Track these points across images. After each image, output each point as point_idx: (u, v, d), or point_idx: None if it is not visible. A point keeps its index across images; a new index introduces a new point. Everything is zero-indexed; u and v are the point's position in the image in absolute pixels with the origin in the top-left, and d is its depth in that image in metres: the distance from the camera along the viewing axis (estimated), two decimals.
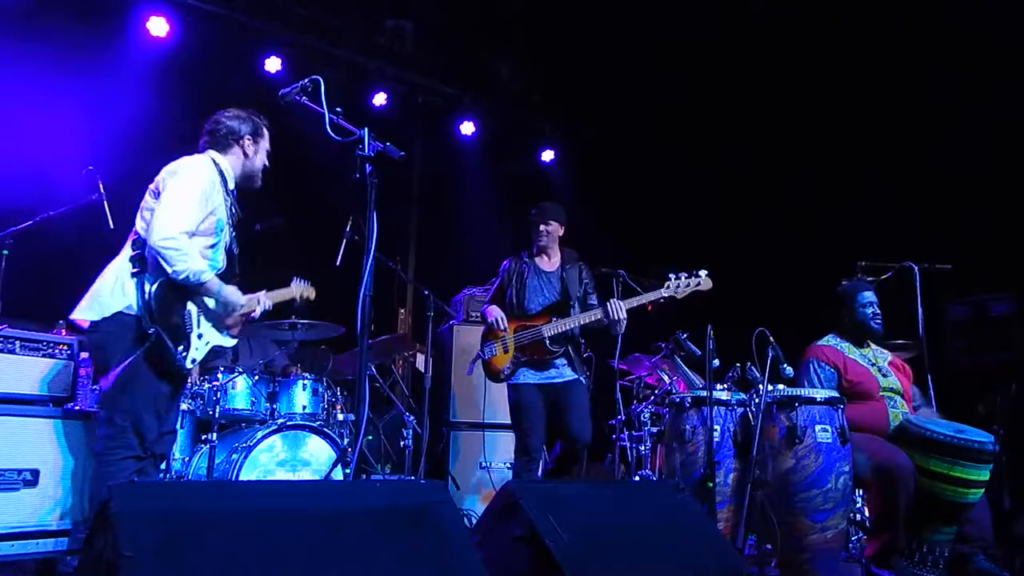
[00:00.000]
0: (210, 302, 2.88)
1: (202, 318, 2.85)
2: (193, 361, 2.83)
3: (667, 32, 5.76)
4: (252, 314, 3.04)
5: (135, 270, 2.70)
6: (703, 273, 3.64)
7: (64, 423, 3.14)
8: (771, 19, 5.49)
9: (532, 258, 3.92)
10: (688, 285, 3.62)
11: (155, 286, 2.68)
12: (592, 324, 3.69)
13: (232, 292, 2.88)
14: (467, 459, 4.85)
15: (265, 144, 3.08)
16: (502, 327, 3.76)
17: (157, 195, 2.76)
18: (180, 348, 2.74)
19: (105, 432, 2.66)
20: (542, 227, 3.85)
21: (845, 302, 3.64)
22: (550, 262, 3.90)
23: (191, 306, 2.80)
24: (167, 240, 2.63)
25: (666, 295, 3.63)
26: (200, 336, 2.84)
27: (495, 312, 3.81)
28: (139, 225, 2.78)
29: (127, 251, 2.77)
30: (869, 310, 3.58)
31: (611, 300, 3.61)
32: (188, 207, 2.72)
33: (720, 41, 5.77)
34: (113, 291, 2.70)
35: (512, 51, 6.44)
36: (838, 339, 3.64)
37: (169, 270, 2.65)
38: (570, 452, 3.71)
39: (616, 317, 3.58)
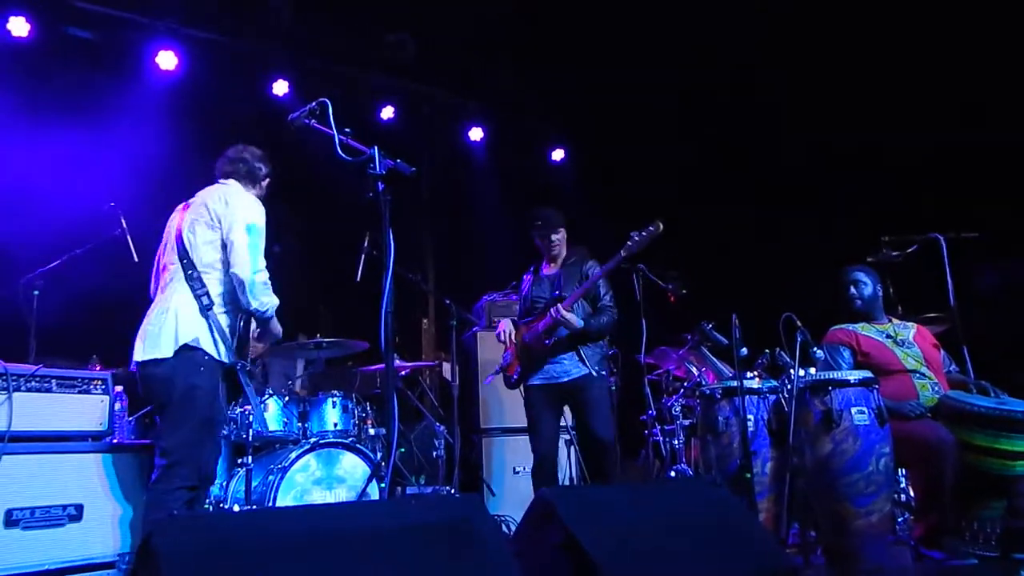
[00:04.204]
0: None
1: None
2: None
3: (670, 22, 5.69)
4: None
5: (205, 305, 2.77)
6: (659, 222, 3.53)
7: (104, 457, 3.20)
8: None
9: (539, 267, 3.96)
10: (643, 236, 3.50)
11: (239, 321, 2.86)
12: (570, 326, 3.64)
13: (276, 324, 3.05)
14: (500, 465, 4.84)
15: None
16: (505, 340, 3.86)
17: (215, 228, 2.83)
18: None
19: (162, 462, 2.71)
20: (553, 237, 3.83)
21: (838, 286, 3.73)
22: (553, 266, 3.90)
23: None
24: (259, 275, 2.80)
25: (624, 254, 3.54)
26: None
27: (502, 325, 3.91)
28: (199, 259, 2.83)
29: (185, 287, 2.80)
30: (849, 290, 3.65)
31: (553, 307, 3.61)
32: (261, 243, 2.87)
33: (729, 20, 5.67)
34: (178, 328, 2.73)
35: (513, 54, 6.42)
36: (849, 322, 3.67)
37: (255, 303, 2.80)
38: (593, 452, 3.66)
39: (559, 318, 3.57)
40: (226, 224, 2.82)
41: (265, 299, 2.82)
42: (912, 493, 3.65)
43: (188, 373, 2.70)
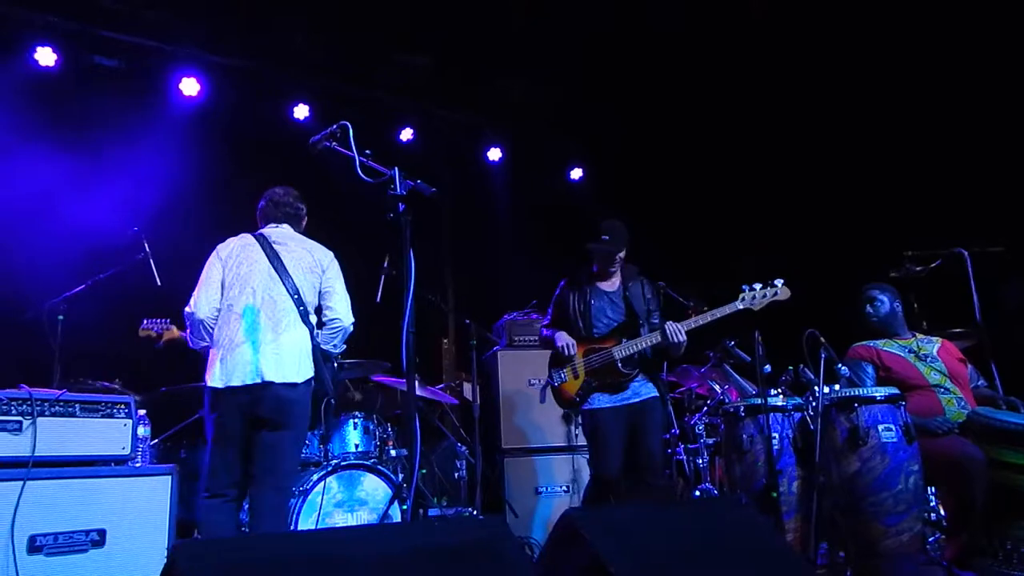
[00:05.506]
0: None
1: None
2: None
3: (683, 39, 5.71)
4: None
5: (315, 342, 3.02)
6: (779, 282, 3.43)
7: (127, 481, 3.21)
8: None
9: (592, 279, 3.74)
10: (765, 296, 3.40)
11: (334, 360, 3.13)
12: (657, 345, 3.53)
13: None
14: (523, 485, 4.80)
15: None
16: (571, 352, 3.60)
17: (317, 275, 3.09)
18: None
19: (285, 481, 2.98)
20: (619, 255, 3.64)
21: (857, 303, 3.75)
22: (611, 282, 3.72)
23: None
24: (352, 324, 3.11)
25: (741, 307, 3.41)
26: None
27: (564, 338, 3.63)
28: (308, 301, 3.05)
29: (302, 323, 3.00)
30: (866, 308, 3.69)
31: (668, 323, 3.42)
32: None
33: (741, 41, 5.69)
34: (303, 360, 2.98)
35: (528, 72, 6.46)
36: (872, 338, 3.66)
37: (341, 348, 3.14)
38: (644, 473, 3.50)
39: (675, 340, 3.41)
40: (326, 273, 3.12)
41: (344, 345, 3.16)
42: (943, 512, 3.57)
43: (307, 402, 2.97)
